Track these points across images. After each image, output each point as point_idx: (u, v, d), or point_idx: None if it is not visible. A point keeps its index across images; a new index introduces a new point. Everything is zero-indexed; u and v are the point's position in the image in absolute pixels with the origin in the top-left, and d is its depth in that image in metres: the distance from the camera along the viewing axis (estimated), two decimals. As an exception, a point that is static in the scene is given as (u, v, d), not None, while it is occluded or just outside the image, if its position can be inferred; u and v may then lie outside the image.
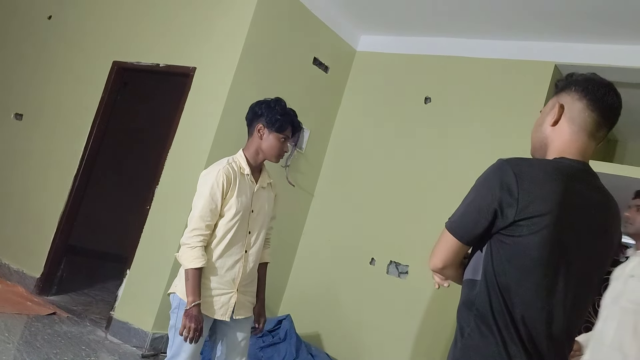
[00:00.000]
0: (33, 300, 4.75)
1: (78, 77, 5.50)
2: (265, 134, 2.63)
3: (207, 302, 2.52)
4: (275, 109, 2.64)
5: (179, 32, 4.89)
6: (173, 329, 2.55)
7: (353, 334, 4.83)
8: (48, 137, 5.54)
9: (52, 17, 5.99)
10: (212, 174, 2.54)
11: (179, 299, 2.54)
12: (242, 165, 2.62)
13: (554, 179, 1.49)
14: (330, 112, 5.42)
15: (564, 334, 1.53)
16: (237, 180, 2.56)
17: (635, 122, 5.18)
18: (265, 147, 2.64)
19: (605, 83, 1.62)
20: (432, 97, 4.97)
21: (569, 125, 1.60)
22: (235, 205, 2.53)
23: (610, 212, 1.62)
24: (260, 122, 2.64)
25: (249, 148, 2.67)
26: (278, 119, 2.62)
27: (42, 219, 5.25)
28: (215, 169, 2.57)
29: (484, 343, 1.48)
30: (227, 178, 2.53)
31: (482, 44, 4.79)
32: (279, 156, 2.68)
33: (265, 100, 2.71)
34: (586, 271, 1.56)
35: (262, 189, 2.70)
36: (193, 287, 2.45)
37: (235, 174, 2.57)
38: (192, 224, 2.51)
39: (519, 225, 1.46)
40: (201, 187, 2.55)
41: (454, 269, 1.64)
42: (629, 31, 4.03)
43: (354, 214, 5.10)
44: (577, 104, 1.60)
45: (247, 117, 2.72)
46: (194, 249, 2.47)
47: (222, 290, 2.56)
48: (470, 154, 4.59)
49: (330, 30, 5.20)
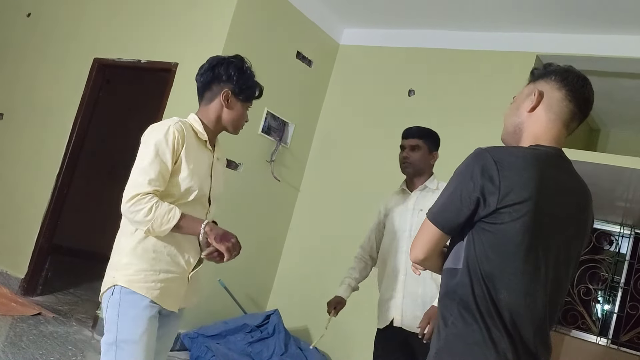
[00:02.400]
0: (17, 301, 4.70)
1: (59, 75, 5.44)
2: (233, 102, 2.18)
3: (157, 289, 2.01)
4: (246, 74, 2.20)
5: (160, 28, 4.85)
6: (114, 345, 1.96)
7: (341, 327, 4.83)
8: (30, 136, 5.47)
9: (31, 15, 5.91)
10: (158, 131, 2.04)
11: (119, 292, 2.00)
12: (198, 129, 2.15)
13: (532, 165, 1.52)
14: (315, 106, 5.41)
15: (546, 318, 1.56)
16: (192, 145, 2.09)
17: (617, 110, 5.23)
18: (230, 117, 2.19)
19: (583, 76, 1.66)
20: (416, 90, 4.98)
21: (546, 113, 1.63)
22: (193, 176, 2.07)
23: (584, 196, 1.67)
24: (227, 88, 2.17)
25: (207, 114, 2.19)
26: (249, 85, 2.21)
27: (25, 219, 5.19)
28: (163, 125, 2.06)
29: (467, 331, 1.50)
30: (181, 137, 2.04)
31: (465, 36, 4.80)
32: (241, 128, 2.27)
33: (229, 60, 2.21)
34: (565, 255, 1.60)
35: (217, 160, 2.26)
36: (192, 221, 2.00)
37: (190, 136, 2.10)
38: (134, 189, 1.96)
39: (501, 212, 1.49)
40: (146, 150, 2.02)
41: (435, 259, 1.65)
42: (609, 21, 4.06)
43: (340, 207, 5.10)
44: (556, 93, 1.63)
45: (205, 76, 2.20)
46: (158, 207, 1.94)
47: (174, 274, 2.08)
48: (454, 146, 4.60)
49: (313, 23, 5.18)
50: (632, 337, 4.87)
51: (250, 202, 4.89)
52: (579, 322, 5.03)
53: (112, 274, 2.03)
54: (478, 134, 4.48)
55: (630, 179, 4.16)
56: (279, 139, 4.99)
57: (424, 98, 4.93)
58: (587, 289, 5.08)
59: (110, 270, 2.08)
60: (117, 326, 1.96)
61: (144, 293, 1.98)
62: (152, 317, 2.00)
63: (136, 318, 1.97)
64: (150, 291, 1.99)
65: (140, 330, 1.96)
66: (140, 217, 1.94)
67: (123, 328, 1.96)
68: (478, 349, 1.48)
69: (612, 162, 4.00)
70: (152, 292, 2.00)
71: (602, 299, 5.31)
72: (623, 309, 5.06)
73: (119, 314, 1.97)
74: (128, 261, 2.02)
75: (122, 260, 2.03)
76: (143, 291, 1.98)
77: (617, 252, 5.24)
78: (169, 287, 2.05)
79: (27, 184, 5.32)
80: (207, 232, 2.00)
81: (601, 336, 4.93)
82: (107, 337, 1.99)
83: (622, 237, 5.27)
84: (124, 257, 2.03)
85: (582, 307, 5.06)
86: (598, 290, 5.24)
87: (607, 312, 5.28)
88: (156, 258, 2.03)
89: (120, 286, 1.99)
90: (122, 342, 1.96)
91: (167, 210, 1.95)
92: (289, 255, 5.29)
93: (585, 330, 4.99)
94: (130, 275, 2.00)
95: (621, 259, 5.22)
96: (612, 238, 5.32)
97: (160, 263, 2.03)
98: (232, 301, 4.58)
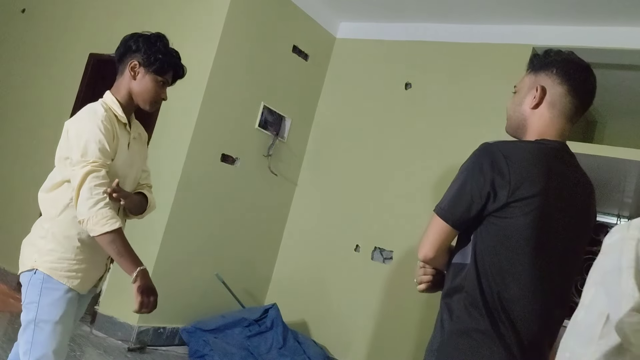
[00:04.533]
0: (15, 297, 4.70)
1: (54, 71, 5.42)
2: (141, 73, 2.12)
3: (78, 278, 2.04)
4: (157, 46, 2.13)
5: (156, 22, 4.81)
6: (33, 323, 2.00)
7: (339, 320, 4.85)
8: (25, 132, 5.46)
9: (26, 10, 5.88)
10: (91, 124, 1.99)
11: (42, 275, 2.00)
12: (117, 112, 2.10)
13: (540, 160, 1.52)
14: (311, 101, 5.40)
15: (554, 311, 1.56)
16: (117, 132, 2.07)
17: (614, 103, 5.24)
18: (138, 90, 2.12)
19: (585, 65, 1.63)
20: (413, 83, 4.97)
21: (549, 109, 1.61)
22: (118, 162, 2.07)
23: (588, 190, 1.66)
24: (135, 59, 2.12)
25: (118, 90, 2.15)
26: (159, 57, 2.12)
27: (22, 215, 5.18)
28: (92, 116, 2.02)
29: (473, 326, 1.49)
30: (110, 129, 2.03)
31: (461, 29, 4.79)
32: (154, 103, 2.17)
33: (143, 34, 2.18)
34: (572, 249, 1.60)
35: (134, 140, 2.20)
36: (129, 250, 1.98)
37: (115, 123, 2.08)
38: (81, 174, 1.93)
39: (511, 206, 1.48)
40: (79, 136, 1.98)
41: (444, 257, 1.62)
42: (605, 13, 4.06)
43: (337, 201, 5.11)
44: (558, 88, 1.60)
45: (118, 51, 2.19)
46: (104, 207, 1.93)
47: (97, 261, 2.11)
48: (452, 139, 4.61)
49: (309, 17, 5.17)
50: (629, 328, 4.88)
51: (248, 196, 4.88)
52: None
53: (34, 257, 2.04)
54: (475, 127, 4.48)
55: (627, 171, 4.17)
56: (275, 134, 4.98)
57: (420, 91, 4.92)
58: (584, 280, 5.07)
59: (31, 249, 2.08)
60: (38, 306, 2.00)
61: (65, 282, 2.01)
62: (71, 300, 2.05)
63: (56, 301, 2.01)
64: (70, 280, 2.03)
65: (60, 312, 2.01)
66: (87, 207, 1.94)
67: (43, 309, 2.00)
68: (484, 344, 1.47)
69: (609, 154, 4.00)
70: (73, 281, 2.03)
71: (599, 290, 5.32)
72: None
73: (40, 295, 2.00)
74: (52, 247, 2.03)
75: (47, 245, 2.03)
76: (64, 280, 2.01)
77: (613, 244, 5.24)
78: (88, 274, 2.08)
79: (22, 180, 5.31)
80: (138, 278, 1.97)
81: (598, 327, 4.94)
82: (27, 315, 2.03)
83: (619, 229, 5.27)
84: (50, 242, 2.04)
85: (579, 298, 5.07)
86: (595, 281, 5.24)
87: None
88: (80, 247, 2.05)
89: (41, 271, 2.01)
90: (41, 322, 2.00)
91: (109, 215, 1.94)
92: (286, 249, 5.30)
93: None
94: (53, 262, 2.01)
95: (618, 251, 5.22)
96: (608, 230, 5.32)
97: (84, 253, 2.06)
98: (230, 295, 4.59)
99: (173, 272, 4.29)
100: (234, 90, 4.58)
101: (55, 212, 2.05)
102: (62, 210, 2.04)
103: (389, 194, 4.85)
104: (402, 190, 4.78)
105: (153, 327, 4.24)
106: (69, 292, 2.03)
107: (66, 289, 2.02)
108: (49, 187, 2.11)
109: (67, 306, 2.03)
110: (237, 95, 4.63)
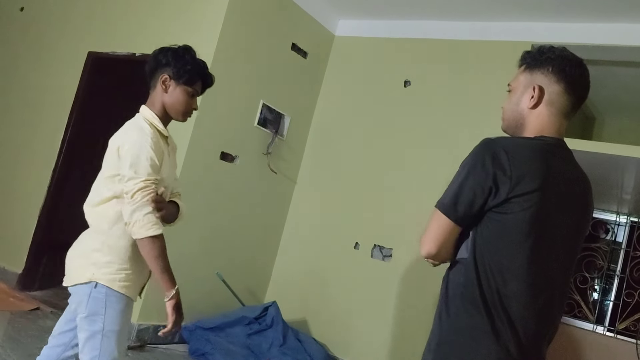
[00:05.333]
0: (15, 296, 4.69)
1: (53, 69, 5.41)
2: (172, 86, 2.21)
3: (133, 287, 2.18)
4: (185, 58, 2.23)
5: (155, 21, 4.83)
6: (100, 334, 2.09)
7: (340, 318, 4.86)
8: (25, 131, 5.45)
9: (24, 9, 5.87)
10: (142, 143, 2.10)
11: (104, 288, 2.09)
12: (159, 126, 2.20)
13: (539, 156, 1.53)
14: (311, 98, 5.40)
15: (552, 308, 1.56)
16: (162, 146, 2.18)
17: (612, 99, 5.23)
18: (170, 102, 2.21)
19: (579, 61, 1.64)
20: (412, 81, 4.97)
21: (547, 108, 1.62)
22: (164, 175, 2.17)
23: (586, 186, 1.67)
24: (165, 73, 2.21)
25: (153, 104, 2.24)
26: (188, 69, 2.21)
27: (22, 214, 5.18)
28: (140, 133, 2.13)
29: (470, 323, 1.49)
30: (158, 143, 2.14)
31: (461, 26, 4.79)
32: (186, 113, 2.26)
33: (171, 48, 2.28)
34: (570, 245, 1.60)
35: (171, 151, 2.32)
36: (169, 266, 2.10)
37: (159, 138, 2.18)
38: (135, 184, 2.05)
39: (511, 202, 1.48)
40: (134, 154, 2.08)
41: (448, 252, 1.61)
42: (604, 10, 4.06)
43: (336, 199, 5.11)
44: (555, 87, 1.61)
45: (149, 66, 2.27)
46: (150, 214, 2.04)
47: (141, 271, 2.22)
48: (451, 137, 4.61)
49: (308, 15, 5.16)
50: (629, 325, 4.90)
51: (247, 194, 4.89)
52: (575, 310, 5.06)
53: (91, 270, 2.11)
54: (474, 124, 4.48)
55: (626, 168, 4.17)
56: (275, 131, 4.98)
57: (419, 89, 4.92)
58: (583, 277, 5.10)
59: (84, 261, 2.15)
60: (104, 318, 2.09)
61: (124, 292, 2.12)
62: (130, 308, 2.20)
63: (120, 312, 2.13)
64: (128, 289, 2.14)
65: (122, 320, 2.14)
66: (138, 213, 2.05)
67: (109, 320, 2.10)
68: (480, 341, 1.47)
69: (607, 151, 4.00)
70: (129, 290, 2.15)
71: (599, 287, 5.34)
72: (619, 297, 5.08)
73: (105, 307, 2.09)
74: (109, 260, 2.11)
75: (104, 258, 2.12)
76: (123, 290, 2.12)
77: (613, 241, 5.26)
78: (137, 282, 2.21)
79: (23, 179, 5.31)
80: (173, 297, 2.11)
81: (598, 324, 4.96)
82: (93, 326, 2.10)
83: (618, 226, 5.29)
84: (106, 255, 2.12)
85: (579, 295, 5.08)
86: (594, 278, 5.26)
87: (604, 300, 5.31)
88: (132, 257, 2.14)
89: (102, 284, 2.10)
90: (108, 332, 2.10)
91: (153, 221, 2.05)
92: (286, 247, 5.30)
93: (582, 318, 5.02)
94: (112, 274, 2.11)
95: (617, 247, 5.24)
96: (608, 226, 5.34)
97: (133, 262, 2.15)
98: (230, 294, 4.59)
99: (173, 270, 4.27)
100: (233, 88, 4.58)
101: (106, 226, 2.14)
102: (113, 224, 2.13)
103: (389, 191, 4.85)
104: (401, 188, 4.78)
105: (153, 325, 4.24)
106: (128, 301, 2.16)
107: (126, 298, 2.14)
108: (97, 202, 2.19)
109: (127, 315, 2.18)
110: (236, 93, 4.63)
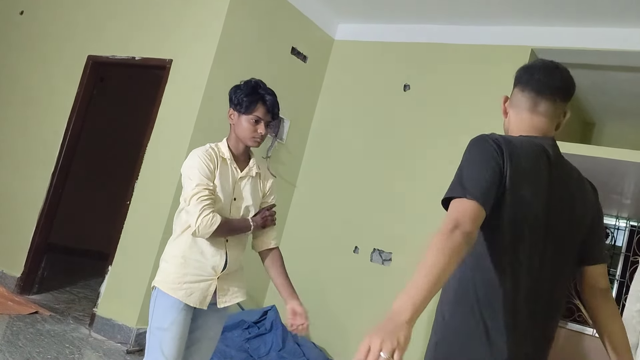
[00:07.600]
0: (14, 299, 4.69)
1: (53, 73, 5.41)
2: (236, 117, 2.48)
3: (182, 289, 2.38)
4: (240, 89, 2.49)
5: (154, 24, 4.83)
6: (149, 331, 2.40)
7: (339, 322, 4.85)
8: (24, 135, 5.45)
9: (24, 13, 5.87)
10: (194, 158, 2.41)
11: (156, 291, 2.40)
12: (222, 150, 2.48)
13: (531, 154, 1.55)
14: (310, 102, 5.40)
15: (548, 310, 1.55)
16: (218, 165, 2.44)
17: (611, 104, 5.24)
18: (238, 132, 2.48)
19: (538, 65, 1.72)
20: (411, 85, 4.97)
21: (513, 110, 1.74)
22: (218, 190, 2.41)
23: (581, 181, 1.67)
24: (230, 108, 2.51)
25: (230, 136, 2.53)
26: (243, 99, 2.45)
27: (20, 218, 5.18)
28: (195, 153, 2.44)
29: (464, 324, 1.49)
30: (211, 160, 2.41)
31: (460, 30, 4.80)
32: (254, 139, 2.48)
33: (236, 84, 2.55)
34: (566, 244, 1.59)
35: (247, 178, 2.55)
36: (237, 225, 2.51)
37: (217, 158, 2.44)
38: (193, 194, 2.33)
39: (505, 199, 1.47)
40: (188, 170, 2.40)
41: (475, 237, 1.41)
42: (603, 14, 4.06)
43: (336, 203, 5.11)
44: (514, 91, 1.75)
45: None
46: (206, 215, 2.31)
47: (202, 277, 2.42)
48: (450, 141, 4.61)
49: (308, 19, 5.17)
50: (628, 329, 4.89)
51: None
52: (575, 315, 5.05)
53: (156, 277, 2.44)
54: (473, 128, 4.48)
55: (626, 172, 4.17)
56: (274, 135, 4.98)
57: (419, 93, 4.92)
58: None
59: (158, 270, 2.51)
60: (152, 317, 2.38)
61: (171, 293, 2.35)
62: (180, 310, 2.35)
63: (165, 311, 2.35)
64: (175, 291, 2.35)
65: (168, 320, 2.33)
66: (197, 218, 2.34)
67: (155, 319, 2.37)
68: (474, 343, 1.47)
69: (607, 155, 4.00)
70: (177, 292, 2.35)
71: (598, 291, 5.32)
72: (619, 302, 5.08)
73: (154, 307, 2.38)
74: (164, 266, 2.43)
75: (161, 265, 2.45)
76: (170, 292, 2.35)
77: (612, 245, 5.26)
78: (193, 287, 2.38)
79: (22, 183, 5.30)
80: (256, 221, 2.56)
81: (597, 329, 4.94)
82: (149, 326, 2.40)
83: (617, 230, 5.29)
84: (163, 262, 2.45)
85: (578, 299, 5.08)
86: (594, 283, 5.25)
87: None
88: (184, 263, 2.39)
89: (157, 287, 2.40)
90: (154, 329, 2.36)
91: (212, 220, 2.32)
92: (285, 251, 5.21)
93: (582, 323, 5.01)
94: (163, 278, 2.39)
95: (617, 252, 5.23)
96: (607, 231, 5.34)
97: (187, 267, 2.38)
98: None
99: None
100: (233, 92, 4.57)
101: (175, 235, 2.46)
102: (179, 234, 2.43)
103: (388, 195, 4.85)
104: (400, 192, 4.78)
105: (152, 329, 4.23)
106: (176, 303, 2.35)
107: (172, 300, 2.35)
108: (177, 211, 2.47)
109: (175, 315, 2.34)
110: (236, 97, 4.62)
